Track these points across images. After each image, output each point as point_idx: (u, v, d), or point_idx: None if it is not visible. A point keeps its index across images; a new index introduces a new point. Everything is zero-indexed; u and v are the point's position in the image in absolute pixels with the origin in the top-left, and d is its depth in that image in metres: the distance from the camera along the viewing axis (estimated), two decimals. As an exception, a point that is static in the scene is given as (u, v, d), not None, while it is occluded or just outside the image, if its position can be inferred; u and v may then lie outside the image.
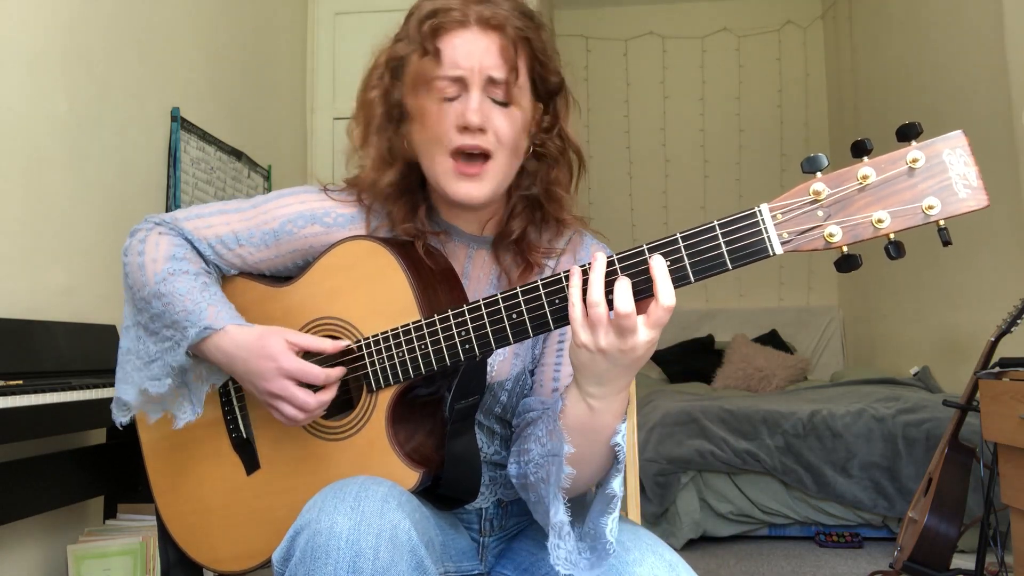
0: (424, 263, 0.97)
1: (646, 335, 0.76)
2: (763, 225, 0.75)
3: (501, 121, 0.95)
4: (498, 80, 0.94)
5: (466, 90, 0.94)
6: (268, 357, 0.93)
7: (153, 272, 1.01)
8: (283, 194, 1.06)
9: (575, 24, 5.33)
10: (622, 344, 0.76)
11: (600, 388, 0.81)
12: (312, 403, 0.92)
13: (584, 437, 0.84)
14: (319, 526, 0.79)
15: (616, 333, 0.76)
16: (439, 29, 0.94)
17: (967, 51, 3.27)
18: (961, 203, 0.70)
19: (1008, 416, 1.85)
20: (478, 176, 0.95)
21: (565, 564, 0.84)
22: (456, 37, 0.94)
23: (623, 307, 0.75)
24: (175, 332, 0.98)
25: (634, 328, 0.76)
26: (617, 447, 0.84)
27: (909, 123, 0.71)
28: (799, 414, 3.06)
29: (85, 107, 2.17)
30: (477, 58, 0.93)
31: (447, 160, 0.95)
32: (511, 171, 0.99)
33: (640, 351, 0.77)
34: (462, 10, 0.94)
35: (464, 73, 0.93)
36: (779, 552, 2.96)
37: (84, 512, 2.13)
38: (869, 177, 0.72)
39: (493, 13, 0.94)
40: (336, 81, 3.82)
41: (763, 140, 5.21)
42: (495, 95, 0.95)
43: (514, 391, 1.04)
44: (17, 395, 1.48)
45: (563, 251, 1.06)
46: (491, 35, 0.94)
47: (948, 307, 3.55)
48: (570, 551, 0.85)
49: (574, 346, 0.80)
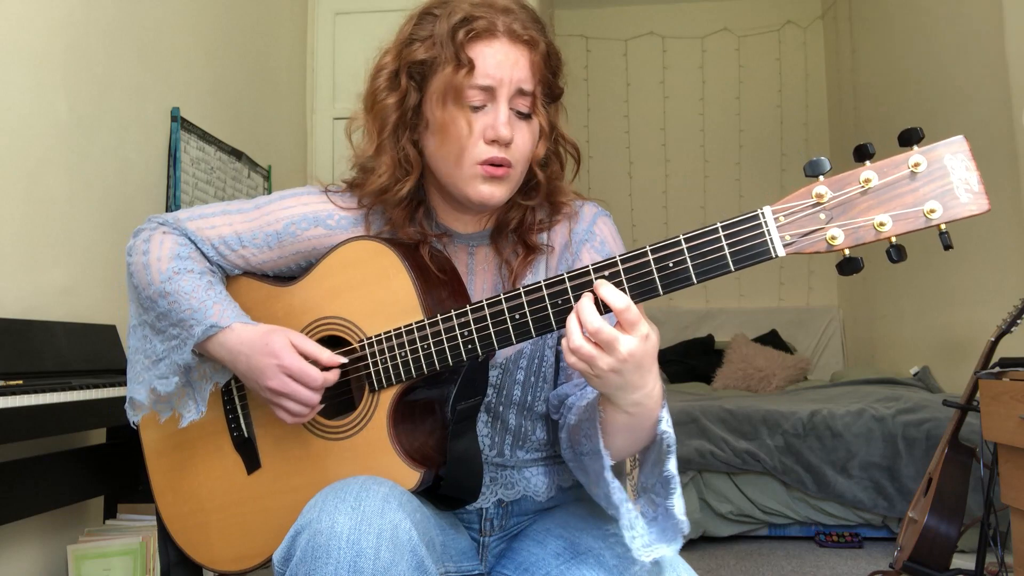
0: (427, 263, 0.97)
1: (630, 341, 0.77)
2: (765, 227, 0.75)
3: (523, 134, 0.96)
4: (527, 92, 0.95)
5: (493, 100, 0.95)
6: (270, 354, 0.93)
7: (158, 271, 1.01)
8: (285, 195, 1.06)
9: (575, 24, 5.33)
10: (617, 357, 0.78)
11: (628, 396, 0.82)
12: (314, 399, 0.93)
13: (629, 433, 0.86)
14: (320, 526, 0.79)
15: (605, 351, 0.78)
16: (473, 38, 0.93)
17: (967, 51, 3.27)
18: (962, 207, 0.70)
19: (1008, 416, 1.85)
20: (500, 180, 0.96)
21: (644, 551, 0.83)
22: (487, 47, 0.94)
23: (591, 324, 0.77)
24: (181, 330, 0.98)
25: (613, 338, 0.77)
26: (664, 434, 0.85)
27: (911, 128, 0.72)
28: (799, 414, 3.06)
29: (85, 107, 2.17)
30: (507, 69, 0.94)
31: (474, 167, 0.95)
32: (523, 177, 1.00)
33: (639, 351, 0.78)
34: (491, 19, 0.94)
35: (493, 83, 0.94)
36: (779, 552, 2.96)
37: (84, 512, 2.13)
38: (871, 181, 0.72)
39: (523, 27, 0.95)
40: (336, 81, 3.82)
41: (763, 140, 5.22)
42: (519, 107, 0.96)
43: (530, 368, 1.03)
44: (17, 395, 1.48)
45: (558, 221, 1.06)
46: (520, 48, 0.95)
47: (948, 307, 3.55)
48: (645, 535, 0.85)
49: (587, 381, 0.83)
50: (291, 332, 0.96)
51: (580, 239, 1.05)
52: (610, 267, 0.80)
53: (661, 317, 5.02)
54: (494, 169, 0.95)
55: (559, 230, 1.06)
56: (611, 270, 0.80)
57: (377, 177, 0.99)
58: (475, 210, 1.02)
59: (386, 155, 0.99)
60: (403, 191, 0.99)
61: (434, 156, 0.98)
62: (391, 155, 0.99)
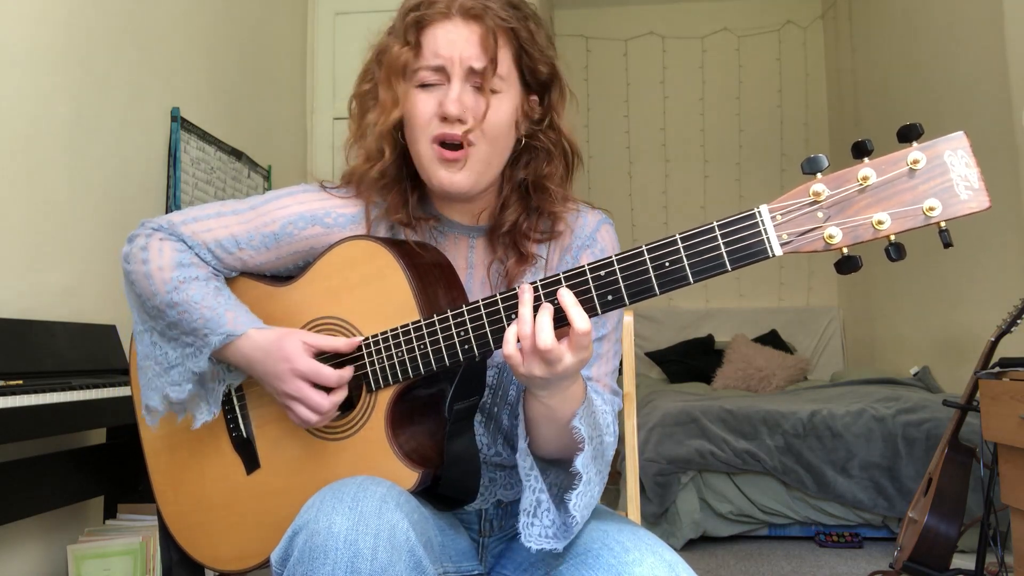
0: (424, 262, 0.97)
1: (571, 359, 0.81)
2: (762, 226, 0.75)
3: (482, 108, 0.95)
4: (478, 69, 0.94)
5: (447, 80, 0.95)
6: (284, 359, 0.93)
7: (162, 281, 1.00)
8: (281, 195, 1.06)
9: (575, 24, 5.33)
10: (551, 369, 0.81)
11: (545, 392, 0.86)
12: (326, 405, 0.93)
13: (548, 426, 0.90)
14: (317, 526, 0.79)
15: (543, 363, 0.81)
16: (422, 20, 0.95)
17: (967, 51, 3.27)
18: (962, 205, 0.70)
19: (1008, 416, 1.85)
20: (458, 163, 0.95)
21: (538, 540, 0.87)
22: (439, 28, 0.95)
23: (543, 343, 0.79)
24: (195, 339, 0.99)
25: (559, 357, 0.80)
26: (575, 429, 0.87)
27: (910, 124, 0.71)
28: (799, 414, 3.06)
29: (85, 107, 2.17)
30: (458, 48, 0.94)
31: (430, 148, 0.96)
32: (496, 161, 0.99)
33: (572, 369, 0.82)
34: (446, 2, 0.95)
35: (444, 63, 0.94)
36: (779, 552, 2.96)
37: (84, 512, 2.13)
38: (869, 178, 0.72)
39: (475, 3, 0.95)
40: (336, 81, 3.82)
41: (763, 140, 5.21)
42: (477, 84, 0.95)
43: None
44: (17, 395, 1.49)
45: (559, 234, 1.05)
46: (471, 25, 0.95)
47: (948, 307, 3.55)
48: (545, 527, 0.88)
49: (515, 374, 0.84)
50: (304, 333, 0.96)
51: (582, 244, 1.05)
52: (606, 267, 0.80)
53: (661, 317, 5.02)
54: (447, 153, 0.95)
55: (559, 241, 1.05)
56: (607, 269, 0.80)
57: (359, 162, 1.03)
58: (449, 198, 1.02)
59: (364, 139, 1.02)
60: (373, 171, 1.01)
61: (407, 139, 0.99)
62: (368, 140, 1.02)
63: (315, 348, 0.95)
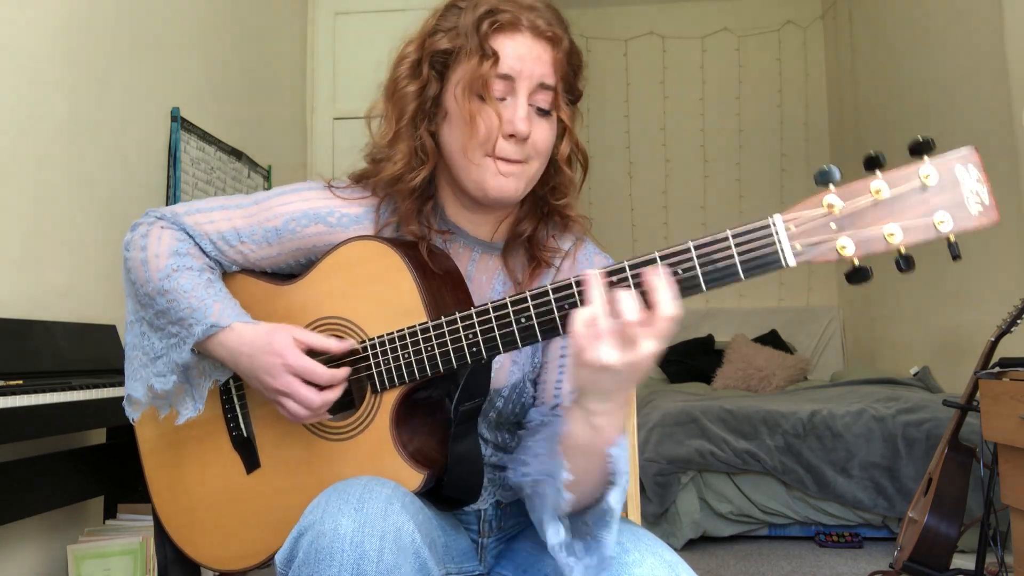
0: (429, 265, 0.96)
1: (651, 347, 0.73)
2: (776, 236, 0.74)
3: (541, 130, 0.96)
4: (549, 87, 0.95)
5: (512, 93, 0.94)
6: (275, 353, 0.92)
7: (156, 268, 1.00)
8: (286, 191, 1.05)
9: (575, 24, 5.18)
10: (626, 357, 0.73)
11: (603, 404, 0.79)
12: (317, 401, 0.92)
13: (586, 458, 0.82)
14: (323, 527, 0.78)
15: (621, 346, 0.73)
16: (497, 30, 0.94)
17: (967, 51, 3.27)
18: (972, 220, 0.70)
19: (1008, 416, 1.85)
20: (514, 174, 0.96)
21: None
22: (509, 39, 0.94)
23: (630, 316, 0.72)
24: (180, 329, 0.98)
25: (637, 339, 0.73)
26: (610, 458, 0.82)
27: (923, 140, 0.71)
28: (799, 414, 3.06)
29: (85, 107, 2.17)
30: (530, 63, 0.94)
31: (488, 160, 0.95)
32: (539, 176, 1.00)
33: (645, 364, 0.75)
34: (515, 13, 0.94)
35: (513, 73, 0.94)
36: (779, 552, 2.96)
37: (84, 512, 2.13)
38: (882, 191, 0.72)
39: (547, 24, 0.95)
40: (336, 81, 3.82)
41: (763, 140, 5.22)
42: (539, 102, 0.96)
43: (510, 399, 1.03)
44: (17, 395, 1.48)
45: (568, 253, 1.06)
46: (543, 44, 0.95)
47: (948, 307, 3.55)
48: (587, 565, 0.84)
49: (578, 365, 0.76)
50: (294, 328, 0.95)
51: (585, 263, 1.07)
52: (618, 272, 0.78)
53: (661, 317, 5.01)
54: (507, 165, 0.95)
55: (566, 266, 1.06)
56: (619, 275, 0.78)
57: (392, 164, 0.99)
58: (489, 205, 1.00)
59: (403, 143, 0.99)
60: (416, 180, 0.99)
61: (451, 147, 0.98)
62: (408, 143, 0.99)
63: (306, 345, 0.94)
